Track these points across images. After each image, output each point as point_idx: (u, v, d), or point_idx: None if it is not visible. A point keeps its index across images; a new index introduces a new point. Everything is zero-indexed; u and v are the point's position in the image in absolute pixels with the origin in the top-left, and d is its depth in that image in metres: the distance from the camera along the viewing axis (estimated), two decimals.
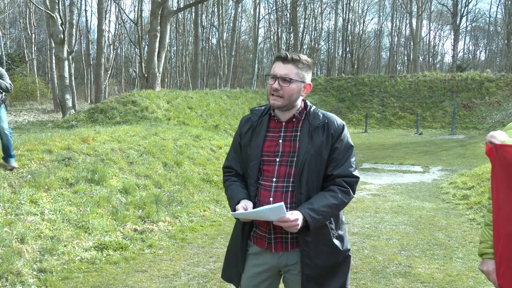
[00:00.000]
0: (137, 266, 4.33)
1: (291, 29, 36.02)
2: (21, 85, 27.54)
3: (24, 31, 35.43)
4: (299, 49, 33.33)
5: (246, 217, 1.94)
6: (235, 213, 1.93)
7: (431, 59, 49.66)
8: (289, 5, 35.36)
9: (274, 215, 1.82)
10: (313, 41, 42.17)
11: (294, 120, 2.04)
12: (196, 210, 6.29)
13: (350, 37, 43.22)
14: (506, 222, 1.79)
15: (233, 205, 2.00)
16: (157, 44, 16.83)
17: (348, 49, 43.12)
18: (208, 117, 14.63)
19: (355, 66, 43.48)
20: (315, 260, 1.95)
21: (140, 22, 20.91)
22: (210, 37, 42.58)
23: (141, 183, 6.37)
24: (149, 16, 22.34)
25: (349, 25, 42.72)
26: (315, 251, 1.95)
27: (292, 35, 35.95)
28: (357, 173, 2.02)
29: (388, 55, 49.64)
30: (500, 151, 1.77)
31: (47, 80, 32.82)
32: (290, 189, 1.97)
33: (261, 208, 1.88)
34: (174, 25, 36.56)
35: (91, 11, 61.10)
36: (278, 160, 2.00)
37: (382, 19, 49.08)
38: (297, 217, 1.83)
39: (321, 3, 38.48)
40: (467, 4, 39.43)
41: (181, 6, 31.82)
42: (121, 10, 28.71)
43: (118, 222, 5.21)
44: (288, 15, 37.47)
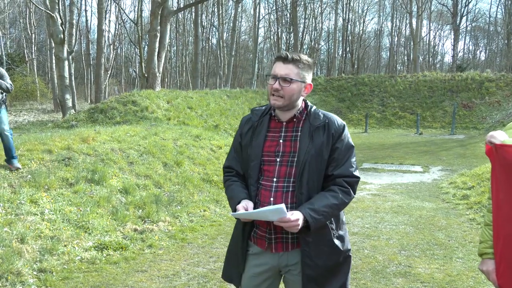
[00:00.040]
0: (137, 266, 4.33)
1: (291, 29, 36.02)
2: (21, 85, 27.55)
3: (24, 31, 35.43)
4: (299, 49, 33.32)
5: (246, 217, 1.94)
6: (236, 213, 1.93)
7: (431, 59, 49.68)
8: (289, 5, 35.36)
9: (274, 216, 1.82)
10: (313, 41, 42.18)
11: (294, 120, 2.04)
12: (196, 210, 6.29)
13: (350, 37, 43.23)
14: (506, 222, 1.79)
15: (234, 205, 2.00)
16: (157, 44, 16.83)
17: (348, 49, 43.13)
18: (208, 117, 14.63)
19: (355, 66, 43.49)
20: (315, 260, 1.95)
21: (140, 22, 20.91)
22: (210, 37, 42.64)
23: (141, 183, 6.37)
24: (149, 16, 22.35)
25: (349, 25, 42.75)
26: (316, 251, 1.95)
27: (292, 35, 35.95)
28: (357, 173, 2.02)
29: (388, 55, 49.69)
30: (500, 151, 1.77)
31: (47, 80, 32.82)
32: (290, 189, 1.96)
33: (261, 208, 1.88)
34: (174, 25, 36.56)
35: (91, 11, 61.21)
36: (278, 160, 2.00)
37: (382, 19, 49.17)
38: (297, 217, 1.83)
39: (321, 3, 38.49)
40: (467, 4, 39.47)
41: (181, 6, 31.81)
42: (121, 10, 28.72)
43: (118, 222, 5.22)
44: (288, 15, 37.47)
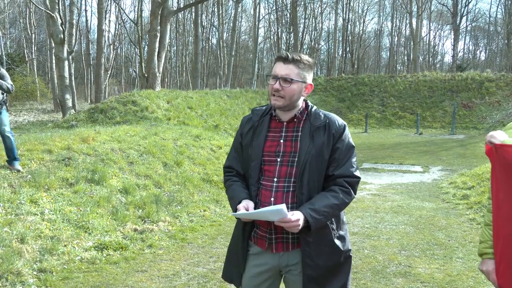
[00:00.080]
0: (137, 266, 4.33)
1: (291, 29, 36.02)
2: (21, 85, 27.55)
3: (24, 31, 35.43)
4: (299, 49, 33.32)
5: (247, 217, 1.94)
6: (237, 213, 1.93)
7: (431, 59, 49.68)
8: (289, 5, 35.35)
9: (275, 216, 1.82)
10: (313, 41, 42.18)
11: (295, 120, 2.03)
12: (196, 210, 6.29)
13: (350, 37, 43.23)
14: (506, 222, 1.79)
15: (234, 205, 1.99)
16: (157, 44, 16.83)
17: (348, 49, 43.13)
18: (208, 117, 14.63)
19: (355, 66, 43.49)
20: (316, 260, 1.95)
21: (140, 22, 20.91)
22: (210, 37, 42.65)
23: (141, 183, 6.37)
24: (149, 16, 22.35)
25: (349, 25, 42.75)
26: (316, 251, 1.95)
27: (292, 35, 35.95)
28: (358, 173, 2.02)
29: (388, 55, 49.69)
30: (500, 151, 1.77)
31: (47, 80, 32.83)
32: (291, 189, 1.96)
33: (262, 209, 1.88)
34: (174, 25, 36.56)
35: (91, 11, 61.25)
36: (279, 160, 1.99)
37: (382, 19, 49.18)
38: (298, 218, 1.82)
39: (321, 3, 38.49)
40: (467, 4, 39.47)
41: (181, 6, 31.82)
42: (121, 10, 28.73)
43: (118, 222, 5.22)
44: (288, 15, 37.47)
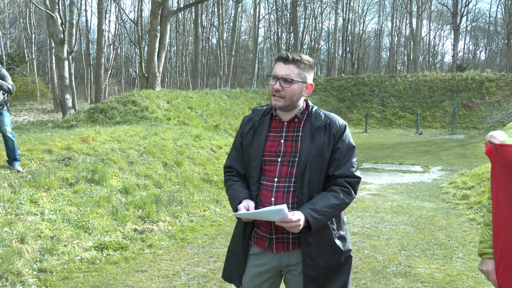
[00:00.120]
0: (137, 266, 4.33)
1: (291, 29, 36.02)
2: (21, 85, 27.55)
3: (24, 31, 35.44)
4: (299, 49, 33.32)
5: (248, 217, 1.94)
6: (238, 213, 1.93)
7: (431, 59, 49.67)
8: (289, 5, 35.35)
9: (276, 216, 1.82)
10: (313, 41, 42.18)
11: (296, 120, 2.03)
12: (196, 210, 6.29)
13: (350, 37, 43.23)
14: (505, 222, 1.79)
15: (235, 205, 1.99)
16: (157, 44, 16.83)
17: (348, 49, 43.13)
18: (208, 117, 14.63)
19: (355, 66, 43.49)
20: (317, 260, 1.95)
21: (140, 22, 20.91)
22: (210, 37, 42.66)
23: (141, 183, 6.37)
24: (149, 16, 22.34)
25: (349, 25, 42.75)
26: (317, 251, 1.95)
27: (292, 35, 35.95)
28: (358, 174, 2.01)
29: (388, 55, 49.69)
30: (499, 151, 1.77)
31: (47, 80, 32.83)
32: (291, 189, 1.96)
33: (263, 209, 1.88)
34: (174, 25, 36.56)
35: (91, 11, 61.28)
36: (279, 160, 1.99)
37: (382, 19, 49.18)
38: (299, 218, 1.82)
39: (321, 3, 38.49)
40: (467, 4, 39.47)
41: (181, 6, 31.82)
42: (121, 10, 28.74)
43: (118, 222, 5.22)
44: (288, 15, 37.47)
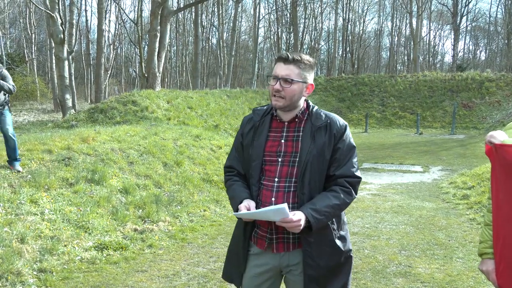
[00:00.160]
0: (137, 266, 4.33)
1: (291, 29, 36.02)
2: (21, 85, 27.55)
3: (24, 31, 35.44)
4: (299, 49, 33.32)
5: (249, 217, 1.94)
6: (238, 213, 1.92)
7: (431, 59, 49.66)
8: (289, 5, 35.35)
9: (277, 216, 1.82)
10: (313, 41, 42.18)
11: (296, 120, 2.03)
12: (196, 210, 6.29)
13: (350, 37, 43.23)
14: (505, 222, 1.79)
15: (236, 204, 1.99)
16: (157, 44, 16.83)
17: (348, 49, 43.13)
18: (208, 117, 14.63)
19: (355, 66, 43.49)
20: (317, 260, 1.95)
21: (140, 22, 20.91)
22: (210, 37, 42.66)
23: (141, 183, 6.37)
24: (149, 16, 22.35)
25: (349, 25, 42.76)
26: (318, 251, 1.95)
27: (292, 35, 35.96)
28: (359, 174, 2.01)
29: (388, 55, 49.68)
30: (499, 151, 1.77)
31: (47, 80, 32.84)
32: (292, 189, 1.96)
33: (264, 208, 1.88)
34: (174, 25, 36.56)
35: (91, 11, 61.30)
36: (280, 160, 1.99)
37: (382, 19, 49.17)
38: (299, 218, 1.82)
39: (321, 3, 38.48)
40: (467, 4, 39.46)
41: (181, 6, 31.82)
42: (121, 10, 28.74)
43: (118, 222, 5.22)
44: (288, 15, 37.47)
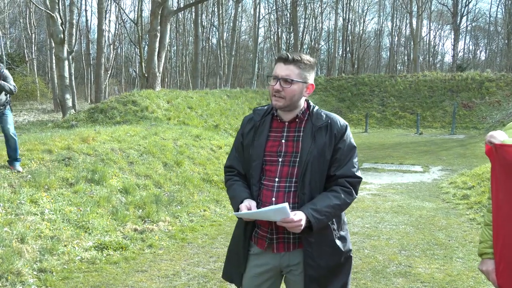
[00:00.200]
0: (137, 266, 4.33)
1: (291, 29, 36.02)
2: (21, 85, 27.55)
3: (24, 31, 35.45)
4: (299, 49, 33.32)
5: (249, 217, 1.93)
6: (239, 213, 1.92)
7: (431, 59, 49.67)
8: (289, 5, 35.35)
9: (278, 216, 1.81)
10: (313, 41, 42.18)
11: (297, 120, 2.03)
12: (196, 210, 6.30)
13: (350, 37, 43.23)
14: (506, 222, 1.79)
15: (236, 204, 1.99)
16: (157, 44, 16.83)
17: (348, 49, 43.13)
18: (208, 117, 14.63)
19: (355, 66, 43.49)
20: (318, 260, 1.95)
21: (140, 22, 20.91)
22: (210, 37, 42.67)
23: (141, 183, 6.37)
24: (149, 16, 22.35)
25: (349, 25, 42.75)
26: (318, 251, 1.95)
27: (292, 35, 35.96)
28: (359, 174, 2.01)
29: (388, 55, 49.68)
30: (499, 151, 1.77)
31: (47, 80, 32.85)
32: (292, 189, 1.96)
33: (265, 208, 1.87)
34: (174, 25, 36.57)
35: (91, 11, 61.36)
36: (280, 160, 1.99)
37: (382, 19, 49.18)
38: (300, 218, 1.82)
39: (321, 3, 38.48)
40: (467, 4, 39.47)
41: (181, 6, 31.83)
42: (121, 10, 28.75)
43: (118, 222, 5.22)
44: (288, 15, 37.47)
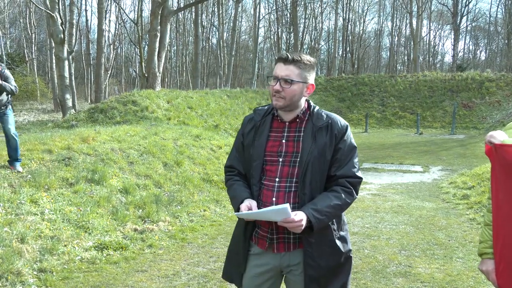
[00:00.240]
0: (137, 266, 4.33)
1: (291, 29, 36.03)
2: (21, 85, 27.52)
3: (24, 31, 35.45)
4: (299, 49, 33.31)
5: (250, 217, 1.93)
6: (240, 213, 1.92)
7: (431, 59, 49.67)
8: (289, 5, 35.35)
9: (278, 216, 1.81)
10: (313, 41, 42.18)
11: (297, 120, 2.03)
12: (196, 210, 6.30)
13: (350, 37, 43.24)
14: (505, 222, 1.79)
15: (237, 204, 1.98)
16: (157, 44, 16.83)
17: (348, 49, 43.13)
18: (208, 117, 14.63)
19: (355, 66, 43.49)
20: (318, 261, 1.95)
21: (140, 22, 20.91)
22: (210, 37, 42.68)
23: (141, 183, 6.37)
24: (149, 16, 22.36)
25: (349, 25, 42.76)
26: (318, 252, 1.95)
27: (292, 35, 35.96)
28: (360, 174, 2.02)
29: (388, 55, 49.68)
30: (499, 151, 1.77)
31: (47, 80, 32.86)
32: (293, 189, 1.96)
33: (266, 208, 1.87)
34: (174, 25, 36.57)
35: (91, 10, 61.38)
36: (281, 160, 1.99)
37: (382, 19, 49.19)
38: (301, 218, 1.82)
39: (321, 3, 38.49)
40: (467, 4, 39.48)
41: (181, 6, 31.83)
42: (121, 10, 28.75)
43: (118, 222, 5.22)
44: (288, 15, 37.48)
